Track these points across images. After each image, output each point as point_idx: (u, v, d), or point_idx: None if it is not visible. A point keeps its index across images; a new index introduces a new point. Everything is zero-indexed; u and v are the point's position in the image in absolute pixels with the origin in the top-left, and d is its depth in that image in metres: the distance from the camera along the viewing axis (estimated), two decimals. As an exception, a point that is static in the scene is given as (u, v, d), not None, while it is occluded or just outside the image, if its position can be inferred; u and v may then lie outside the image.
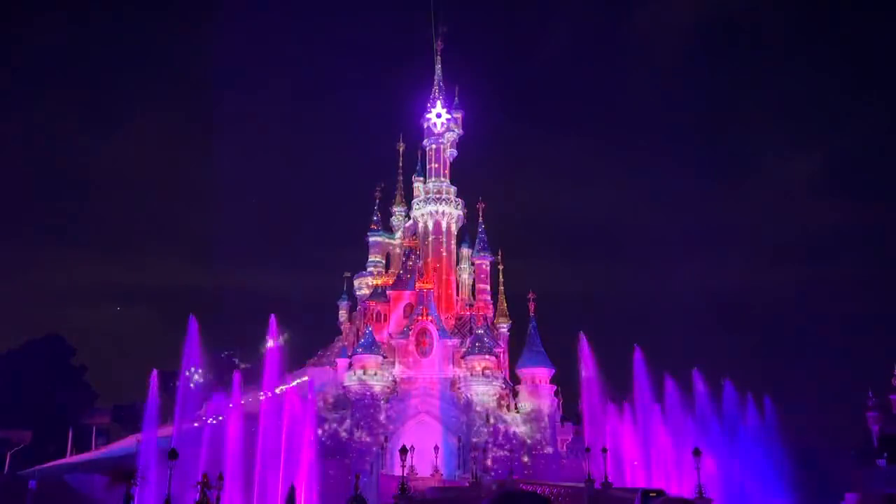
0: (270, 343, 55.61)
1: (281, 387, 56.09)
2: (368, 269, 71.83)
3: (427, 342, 61.87)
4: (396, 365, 61.29)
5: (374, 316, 65.41)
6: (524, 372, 63.00)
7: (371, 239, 72.87)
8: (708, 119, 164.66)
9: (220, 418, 52.64)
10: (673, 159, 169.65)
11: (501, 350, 67.23)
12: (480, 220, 72.11)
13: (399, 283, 66.43)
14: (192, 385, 51.94)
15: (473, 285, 71.58)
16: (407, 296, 65.41)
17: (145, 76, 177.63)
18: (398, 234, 73.89)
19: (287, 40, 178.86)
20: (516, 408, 62.74)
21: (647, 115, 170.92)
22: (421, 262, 67.35)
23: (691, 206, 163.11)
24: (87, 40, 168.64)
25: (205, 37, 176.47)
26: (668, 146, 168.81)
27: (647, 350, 59.89)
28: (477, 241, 71.91)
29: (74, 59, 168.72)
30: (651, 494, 33.94)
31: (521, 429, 61.10)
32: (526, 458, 60.31)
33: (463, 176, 72.71)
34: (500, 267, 71.49)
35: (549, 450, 61.47)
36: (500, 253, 71.88)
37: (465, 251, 72.49)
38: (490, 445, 56.80)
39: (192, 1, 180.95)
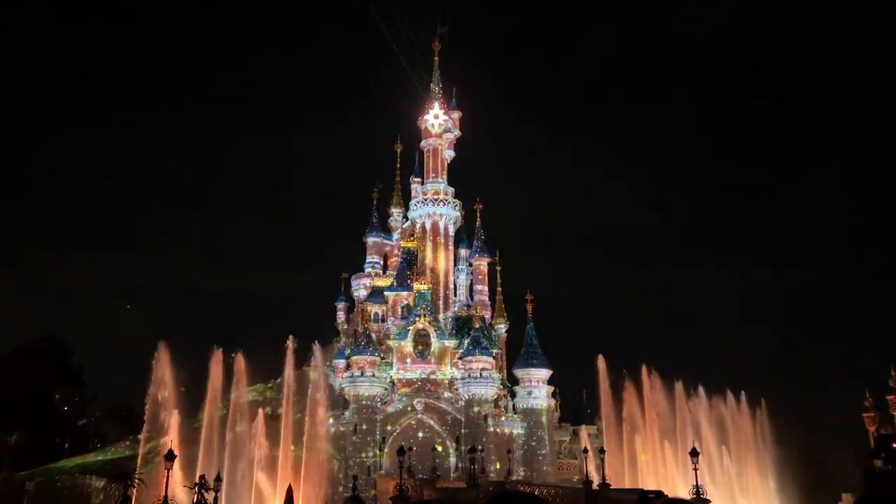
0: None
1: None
2: (366, 270, 71.75)
3: (425, 343, 61.75)
4: (394, 366, 61.20)
5: (372, 317, 65.34)
6: (522, 373, 62.93)
7: (369, 240, 72.78)
8: (697, 118, 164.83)
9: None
10: (673, 159, 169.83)
11: (499, 351, 67.21)
12: (478, 220, 72.14)
13: (397, 284, 66.34)
14: None
15: (471, 286, 71.53)
16: (405, 297, 65.34)
17: (145, 77, 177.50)
18: (396, 235, 73.81)
19: (286, 40, 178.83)
20: (514, 409, 62.75)
21: (646, 114, 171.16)
22: (419, 262, 67.31)
23: (689, 207, 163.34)
24: (84, 42, 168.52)
25: (203, 37, 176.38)
26: (668, 146, 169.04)
27: (645, 349, 60.07)
28: (475, 241, 71.86)
29: (74, 60, 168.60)
30: (650, 496, 33.86)
31: (518, 430, 61.10)
32: (524, 459, 60.34)
33: (461, 177, 72.78)
34: (498, 268, 71.46)
35: (547, 450, 61.51)
36: (497, 254, 71.90)
37: (463, 252, 72.45)
38: (488, 446, 56.74)
39: (194, 4, 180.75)
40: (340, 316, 73.16)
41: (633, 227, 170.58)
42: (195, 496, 35.46)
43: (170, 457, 32.07)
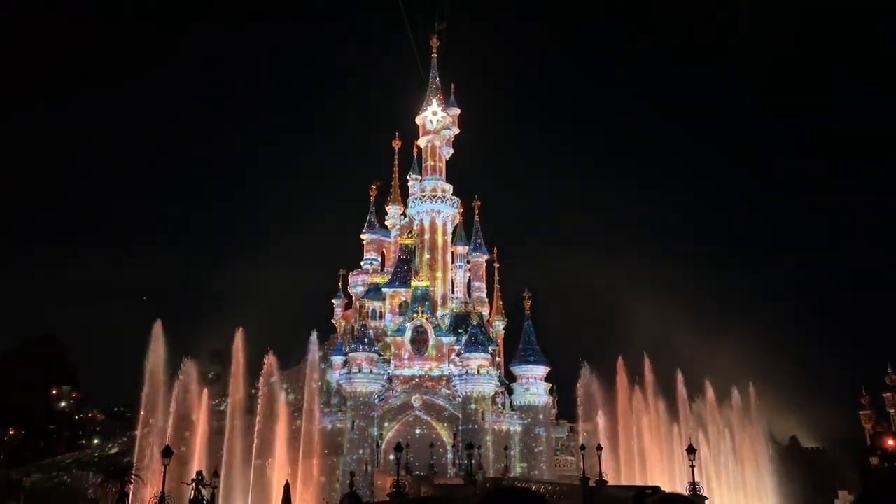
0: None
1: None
2: (364, 267, 71.66)
3: (422, 340, 61.69)
4: (391, 362, 61.15)
5: (370, 313, 65.26)
6: (520, 370, 62.91)
7: (367, 236, 72.66)
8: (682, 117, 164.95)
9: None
10: (672, 157, 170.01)
11: (497, 348, 67.22)
12: (476, 218, 72.05)
13: (394, 281, 66.25)
14: None
15: (469, 283, 71.50)
16: (403, 293, 65.26)
17: (141, 76, 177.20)
18: (394, 232, 73.68)
19: (284, 38, 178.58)
20: (511, 405, 62.74)
21: (643, 114, 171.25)
22: (416, 259, 67.21)
23: (685, 207, 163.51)
24: (85, 41, 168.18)
25: (201, 34, 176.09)
26: (668, 144, 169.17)
27: (642, 349, 60.08)
28: (473, 239, 71.79)
29: (72, 59, 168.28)
30: (647, 492, 33.89)
31: (516, 427, 61.10)
32: (521, 456, 60.36)
33: (459, 174, 72.65)
34: (496, 265, 71.44)
35: (544, 447, 61.53)
36: (495, 251, 71.84)
37: (461, 249, 72.34)
38: (485, 443, 56.74)
39: (192, 3, 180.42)
40: (338, 312, 73.07)
41: (632, 225, 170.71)
42: (192, 492, 35.42)
43: (167, 453, 32.04)
